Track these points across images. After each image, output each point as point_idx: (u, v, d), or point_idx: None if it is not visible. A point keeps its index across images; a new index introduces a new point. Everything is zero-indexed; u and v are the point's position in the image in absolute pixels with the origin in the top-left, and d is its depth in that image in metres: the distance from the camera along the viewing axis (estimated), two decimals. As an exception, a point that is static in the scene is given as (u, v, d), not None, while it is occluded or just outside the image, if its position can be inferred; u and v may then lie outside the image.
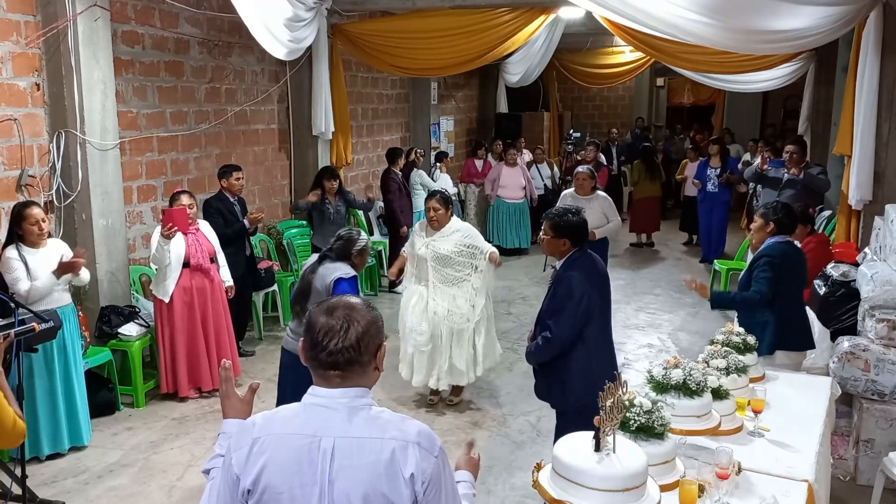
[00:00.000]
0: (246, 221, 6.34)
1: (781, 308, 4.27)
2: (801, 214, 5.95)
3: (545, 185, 11.57)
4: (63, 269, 4.58)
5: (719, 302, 4.65)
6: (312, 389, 1.85)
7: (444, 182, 10.34)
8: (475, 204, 11.57)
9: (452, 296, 5.35)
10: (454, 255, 5.31)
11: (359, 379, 1.84)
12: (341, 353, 1.79)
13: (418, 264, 5.45)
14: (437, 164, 10.71)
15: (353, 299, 1.90)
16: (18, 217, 4.56)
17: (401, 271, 5.66)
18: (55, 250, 4.72)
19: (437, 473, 1.78)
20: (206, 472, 2.04)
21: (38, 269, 4.56)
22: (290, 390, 4.18)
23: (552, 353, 3.70)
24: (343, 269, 4.17)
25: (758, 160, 7.75)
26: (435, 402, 5.62)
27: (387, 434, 1.77)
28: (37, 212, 4.60)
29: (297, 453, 1.76)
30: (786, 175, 6.91)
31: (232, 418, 2.11)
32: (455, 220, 5.47)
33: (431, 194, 5.49)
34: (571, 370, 3.70)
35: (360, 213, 8.90)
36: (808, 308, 4.97)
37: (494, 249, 5.45)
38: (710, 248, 10.18)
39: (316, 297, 4.09)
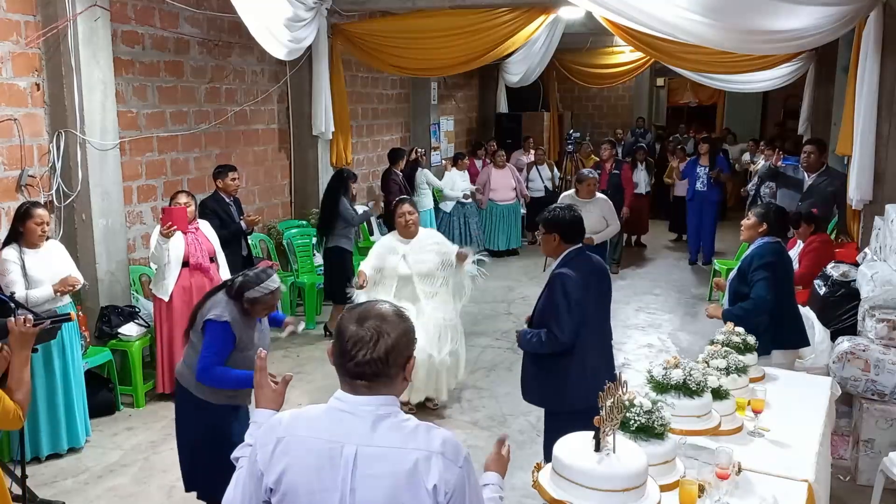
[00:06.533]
0: (243, 223, 6.33)
1: (775, 307, 4.24)
2: (805, 214, 5.96)
3: (545, 186, 11.55)
4: (62, 287, 4.62)
5: (730, 319, 4.49)
6: (338, 394, 1.83)
7: (454, 178, 10.33)
8: None
9: (433, 308, 5.21)
10: (437, 268, 5.17)
11: (385, 388, 1.81)
12: (368, 364, 1.77)
13: (400, 284, 5.14)
14: (455, 164, 10.63)
15: (386, 307, 1.84)
16: (25, 215, 4.59)
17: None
18: (53, 252, 4.75)
19: (461, 484, 1.75)
20: (236, 459, 2.05)
21: (36, 270, 4.58)
22: (193, 442, 3.64)
23: (550, 351, 3.69)
24: (219, 310, 3.52)
25: (762, 159, 7.75)
26: (414, 411, 5.42)
27: (410, 444, 1.75)
28: (43, 212, 4.66)
29: (317, 458, 1.76)
30: (806, 178, 6.85)
31: (264, 408, 2.15)
32: (422, 229, 5.27)
33: (401, 200, 5.28)
34: (566, 372, 3.69)
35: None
36: (808, 308, 4.97)
37: (460, 248, 5.27)
38: (698, 252, 10.15)
39: (196, 330, 3.59)
